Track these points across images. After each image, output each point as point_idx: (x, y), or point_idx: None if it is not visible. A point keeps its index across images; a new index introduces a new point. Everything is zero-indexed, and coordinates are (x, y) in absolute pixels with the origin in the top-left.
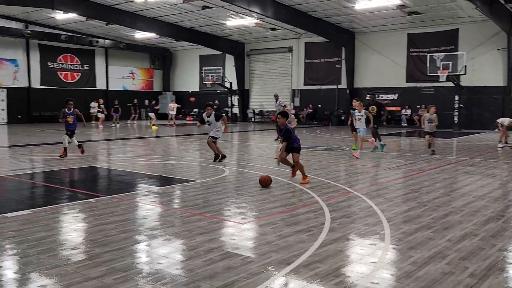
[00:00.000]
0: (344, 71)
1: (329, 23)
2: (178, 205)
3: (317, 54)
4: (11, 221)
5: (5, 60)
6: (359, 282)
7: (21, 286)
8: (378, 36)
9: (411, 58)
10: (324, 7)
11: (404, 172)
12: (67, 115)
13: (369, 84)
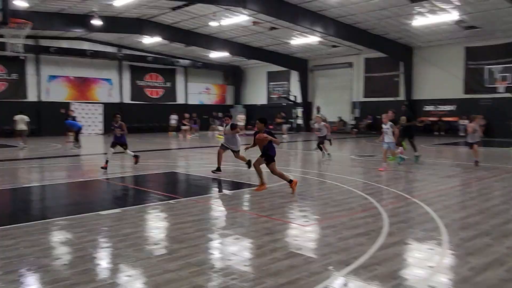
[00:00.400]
0: (403, 84)
1: (387, 39)
2: (247, 208)
3: (376, 68)
4: (104, 218)
5: (102, 79)
6: (416, 285)
7: (112, 275)
8: (435, 50)
9: (468, 71)
10: (383, 24)
11: (462, 180)
12: (115, 127)
13: (426, 95)
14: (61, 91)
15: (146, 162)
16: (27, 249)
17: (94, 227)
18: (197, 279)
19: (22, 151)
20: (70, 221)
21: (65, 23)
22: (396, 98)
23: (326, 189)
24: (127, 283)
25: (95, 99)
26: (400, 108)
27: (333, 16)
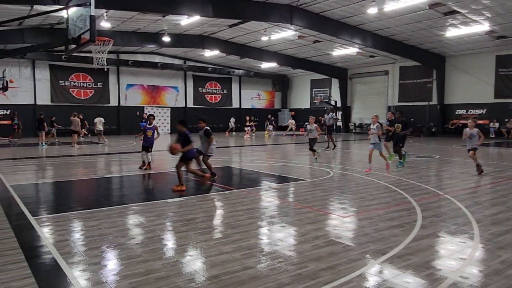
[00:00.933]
0: (435, 90)
1: (421, 49)
2: (292, 199)
3: (410, 76)
4: (170, 205)
5: (170, 87)
6: (449, 275)
7: (176, 254)
8: (467, 59)
9: (499, 77)
10: (417, 36)
11: (492, 178)
12: (148, 129)
13: (458, 100)
14: (137, 97)
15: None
16: (107, 230)
17: (162, 212)
18: (248, 261)
19: (104, 147)
20: (142, 207)
21: (140, 40)
22: (429, 103)
23: (363, 184)
24: (189, 261)
25: (164, 104)
26: (397, 114)
27: (371, 29)
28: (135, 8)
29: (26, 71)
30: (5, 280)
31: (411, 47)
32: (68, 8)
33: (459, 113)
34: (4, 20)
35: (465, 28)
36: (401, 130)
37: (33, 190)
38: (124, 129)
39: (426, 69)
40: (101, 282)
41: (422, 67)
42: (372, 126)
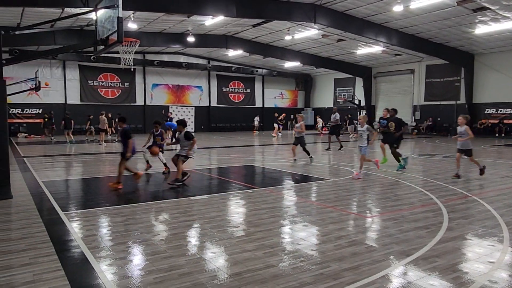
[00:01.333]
0: (463, 88)
1: (449, 47)
2: (314, 198)
3: (437, 74)
4: (194, 202)
5: (194, 86)
6: (476, 279)
7: (199, 251)
8: (497, 56)
9: None
10: (444, 33)
11: None
12: (156, 136)
13: (487, 99)
14: (162, 96)
15: (229, 156)
16: (133, 226)
17: (186, 210)
18: (270, 259)
19: None
20: (167, 204)
21: (166, 40)
22: (456, 102)
23: (387, 184)
24: (211, 258)
25: (188, 103)
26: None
27: (396, 27)
28: (161, 9)
29: (57, 71)
30: (37, 272)
31: (438, 45)
32: (97, 10)
33: (488, 112)
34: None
35: (495, 25)
36: (395, 129)
37: (63, 186)
38: (150, 127)
39: (453, 67)
40: (127, 277)
41: (450, 65)
42: (360, 128)
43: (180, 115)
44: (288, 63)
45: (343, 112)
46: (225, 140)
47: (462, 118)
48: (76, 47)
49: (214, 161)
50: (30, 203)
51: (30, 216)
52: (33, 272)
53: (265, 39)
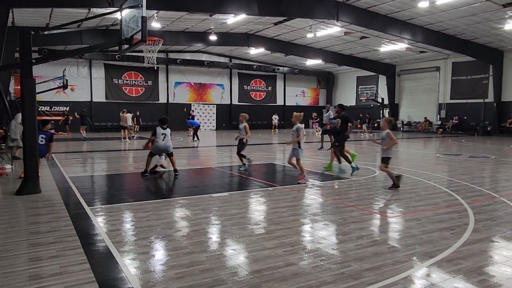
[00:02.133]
0: (491, 86)
1: (477, 44)
2: (335, 197)
3: (464, 72)
4: (215, 199)
5: (216, 84)
6: (504, 283)
7: (220, 248)
8: None
9: None
10: (472, 30)
11: None
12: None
13: None
14: (184, 94)
15: (249, 154)
16: (155, 221)
17: (207, 207)
18: (290, 258)
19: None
20: (188, 201)
21: (188, 39)
22: (484, 100)
23: (410, 184)
24: (232, 255)
25: (210, 101)
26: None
27: (421, 24)
28: (184, 8)
29: (84, 70)
30: (64, 264)
31: (465, 42)
32: (122, 10)
33: None
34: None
35: None
36: (340, 126)
37: (89, 182)
38: (172, 125)
39: (481, 65)
40: (149, 271)
41: (477, 62)
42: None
43: (202, 113)
44: (310, 61)
45: (366, 111)
46: None
47: (383, 121)
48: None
49: (235, 158)
50: (57, 198)
51: (58, 210)
52: (60, 264)
53: (286, 37)
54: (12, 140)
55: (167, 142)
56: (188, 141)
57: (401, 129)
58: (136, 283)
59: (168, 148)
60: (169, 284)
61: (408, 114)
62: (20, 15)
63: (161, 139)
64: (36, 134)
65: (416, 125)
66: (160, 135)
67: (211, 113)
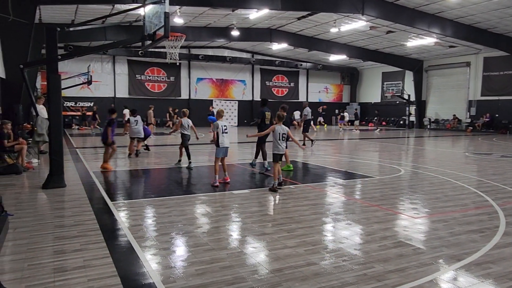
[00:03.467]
0: None
1: (510, 38)
2: (359, 196)
3: (496, 67)
4: (236, 197)
5: (238, 80)
6: None
7: (240, 245)
8: None
9: None
10: (505, 23)
11: None
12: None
13: None
14: (206, 90)
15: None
16: (176, 217)
17: (228, 203)
18: (312, 257)
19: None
20: (209, 197)
21: (210, 34)
22: None
23: (438, 184)
24: (252, 253)
25: (232, 97)
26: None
27: (451, 17)
28: (206, 3)
29: (108, 66)
30: (87, 258)
31: (498, 36)
32: (145, 6)
33: None
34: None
35: None
36: (261, 122)
37: (112, 177)
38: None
39: None
40: (170, 267)
41: (511, 57)
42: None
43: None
44: (333, 57)
45: (391, 108)
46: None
47: (279, 116)
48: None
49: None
50: (81, 192)
51: (82, 204)
52: (83, 258)
53: (310, 32)
54: (39, 135)
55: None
56: (210, 137)
57: (428, 126)
58: (157, 278)
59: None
60: (189, 281)
61: (436, 111)
62: (46, 12)
63: (133, 125)
64: (61, 129)
65: (444, 122)
66: (133, 121)
67: (233, 109)
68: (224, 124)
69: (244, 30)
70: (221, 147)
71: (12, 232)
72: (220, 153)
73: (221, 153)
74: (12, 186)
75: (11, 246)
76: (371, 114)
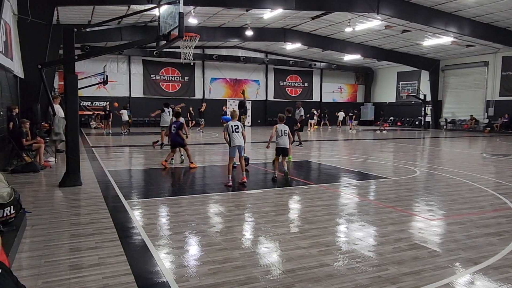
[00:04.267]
0: None
1: None
2: (373, 197)
3: None
4: (249, 196)
5: (252, 80)
6: None
7: (253, 245)
8: None
9: None
10: None
11: None
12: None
13: None
14: (220, 90)
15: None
16: (190, 216)
17: (241, 203)
18: (325, 258)
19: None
20: (222, 197)
21: (224, 34)
22: None
23: (454, 185)
24: (265, 253)
25: (246, 97)
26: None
27: (469, 16)
28: (221, 3)
29: (123, 66)
30: (102, 256)
31: None
32: (160, 6)
33: None
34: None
35: None
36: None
37: (127, 176)
38: (207, 121)
39: None
40: (183, 266)
41: None
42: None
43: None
44: (348, 56)
45: (407, 108)
46: None
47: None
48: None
49: (270, 155)
50: (97, 191)
51: (97, 202)
52: (98, 256)
53: (324, 32)
54: (56, 134)
55: None
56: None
57: (444, 127)
58: (170, 277)
59: None
60: (202, 280)
61: (452, 111)
62: (64, 13)
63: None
64: (77, 128)
65: (461, 123)
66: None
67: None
68: (236, 123)
69: (258, 30)
70: (233, 146)
71: (30, 229)
72: (233, 153)
73: (234, 152)
74: (30, 184)
75: (29, 243)
76: (386, 114)
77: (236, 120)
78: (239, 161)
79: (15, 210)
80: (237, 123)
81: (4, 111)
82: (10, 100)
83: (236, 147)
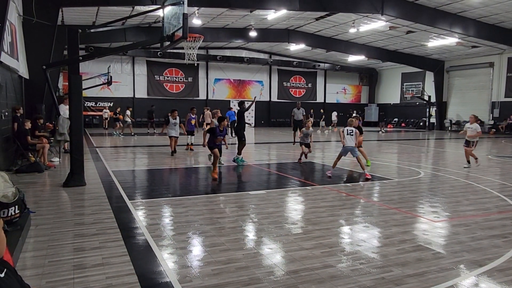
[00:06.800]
0: None
1: None
2: (377, 199)
3: None
4: (252, 197)
5: (255, 81)
6: None
7: (256, 246)
8: None
9: None
10: None
11: None
12: (191, 118)
13: None
14: (223, 91)
15: (288, 152)
16: (193, 217)
17: (244, 204)
18: (328, 259)
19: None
20: (226, 198)
21: (228, 35)
22: None
23: (459, 187)
24: (268, 254)
25: (249, 97)
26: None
27: (474, 17)
28: (224, 4)
29: (127, 67)
30: (106, 256)
31: None
32: (164, 7)
33: None
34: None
35: None
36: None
37: (130, 176)
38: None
39: None
40: (186, 266)
41: None
42: (468, 125)
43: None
44: (352, 57)
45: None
46: (284, 136)
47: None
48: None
49: (273, 156)
50: (101, 191)
51: (101, 203)
52: (102, 256)
53: (328, 33)
54: (60, 134)
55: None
56: (231, 136)
57: (449, 128)
58: (173, 277)
59: None
60: (205, 280)
61: (457, 113)
62: (69, 14)
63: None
64: (82, 128)
65: (465, 124)
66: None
67: (250, 110)
68: (351, 129)
69: (262, 31)
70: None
71: (34, 229)
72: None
73: (345, 152)
74: (34, 184)
75: (33, 242)
76: (390, 115)
77: (351, 127)
78: (358, 161)
79: (20, 210)
80: (352, 128)
81: (9, 111)
82: (15, 101)
83: (347, 148)
